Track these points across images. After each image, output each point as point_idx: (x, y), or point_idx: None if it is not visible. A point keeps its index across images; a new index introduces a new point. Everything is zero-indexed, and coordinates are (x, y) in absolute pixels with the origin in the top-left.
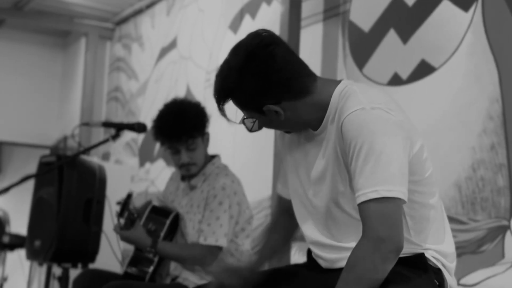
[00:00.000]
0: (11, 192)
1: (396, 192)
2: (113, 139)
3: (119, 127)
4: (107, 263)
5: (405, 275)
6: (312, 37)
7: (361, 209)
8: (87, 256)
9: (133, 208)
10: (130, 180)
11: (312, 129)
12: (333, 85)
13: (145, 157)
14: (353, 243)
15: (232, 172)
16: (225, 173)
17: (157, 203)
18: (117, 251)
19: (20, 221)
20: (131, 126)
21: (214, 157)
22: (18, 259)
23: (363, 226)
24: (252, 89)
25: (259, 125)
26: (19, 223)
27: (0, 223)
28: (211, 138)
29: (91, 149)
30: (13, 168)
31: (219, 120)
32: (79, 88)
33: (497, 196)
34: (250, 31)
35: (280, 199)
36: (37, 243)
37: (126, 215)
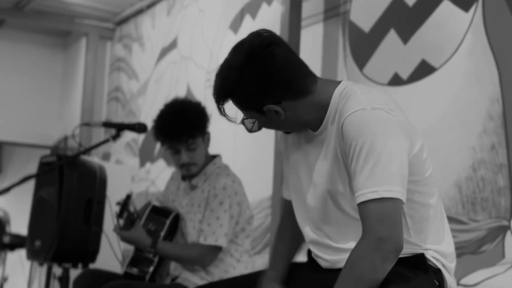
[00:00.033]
0: (12, 192)
1: (395, 192)
2: (113, 139)
3: (120, 127)
4: (107, 263)
5: (405, 275)
6: (312, 37)
7: (360, 209)
8: (88, 256)
9: (133, 208)
10: (130, 180)
11: (312, 129)
12: (333, 86)
13: (145, 157)
14: (352, 243)
15: (233, 172)
16: (226, 173)
17: (157, 203)
18: (118, 251)
19: (20, 221)
20: (131, 126)
21: (215, 157)
22: (18, 259)
23: (363, 226)
24: (252, 89)
25: (259, 125)
26: (20, 223)
27: (0, 223)
28: (211, 138)
29: (91, 149)
30: (13, 168)
31: (219, 120)
32: (80, 88)
33: (497, 196)
34: (250, 31)
35: (286, 202)
36: (37, 243)
37: (125, 216)
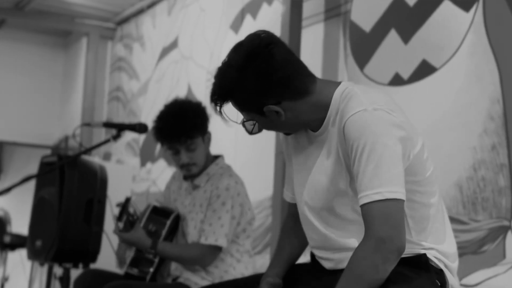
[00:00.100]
0: (12, 192)
1: (398, 193)
2: (114, 139)
3: (120, 128)
4: (108, 263)
5: (406, 275)
6: (313, 37)
7: (364, 210)
8: (88, 256)
9: (132, 210)
10: (131, 180)
11: (312, 130)
12: (333, 86)
13: (146, 157)
14: (353, 240)
15: (235, 173)
16: (229, 173)
17: (157, 204)
18: None
19: (21, 221)
20: (132, 126)
21: (217, 157)
22: (19, 259)
23: (366, 227)
24: (252, 89)
25: (260, 127)
26: (20, 223)
27: (1, 223)
28: (212, 138)
29: (92, 149)
30: (14, 168)
31: (220, 120)
32: (80, 88)
33: (498, 196)
34: (251, 31)
35: (289, 205)
36: (38, 243)
37: (124, 218)
